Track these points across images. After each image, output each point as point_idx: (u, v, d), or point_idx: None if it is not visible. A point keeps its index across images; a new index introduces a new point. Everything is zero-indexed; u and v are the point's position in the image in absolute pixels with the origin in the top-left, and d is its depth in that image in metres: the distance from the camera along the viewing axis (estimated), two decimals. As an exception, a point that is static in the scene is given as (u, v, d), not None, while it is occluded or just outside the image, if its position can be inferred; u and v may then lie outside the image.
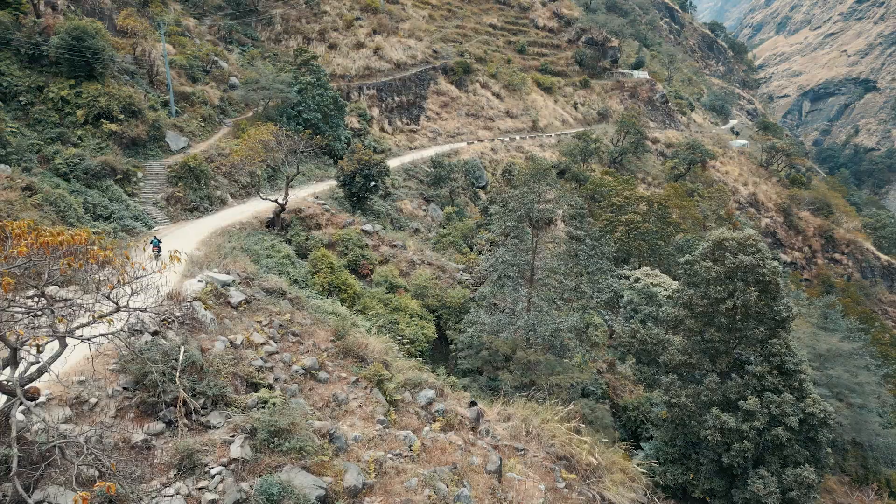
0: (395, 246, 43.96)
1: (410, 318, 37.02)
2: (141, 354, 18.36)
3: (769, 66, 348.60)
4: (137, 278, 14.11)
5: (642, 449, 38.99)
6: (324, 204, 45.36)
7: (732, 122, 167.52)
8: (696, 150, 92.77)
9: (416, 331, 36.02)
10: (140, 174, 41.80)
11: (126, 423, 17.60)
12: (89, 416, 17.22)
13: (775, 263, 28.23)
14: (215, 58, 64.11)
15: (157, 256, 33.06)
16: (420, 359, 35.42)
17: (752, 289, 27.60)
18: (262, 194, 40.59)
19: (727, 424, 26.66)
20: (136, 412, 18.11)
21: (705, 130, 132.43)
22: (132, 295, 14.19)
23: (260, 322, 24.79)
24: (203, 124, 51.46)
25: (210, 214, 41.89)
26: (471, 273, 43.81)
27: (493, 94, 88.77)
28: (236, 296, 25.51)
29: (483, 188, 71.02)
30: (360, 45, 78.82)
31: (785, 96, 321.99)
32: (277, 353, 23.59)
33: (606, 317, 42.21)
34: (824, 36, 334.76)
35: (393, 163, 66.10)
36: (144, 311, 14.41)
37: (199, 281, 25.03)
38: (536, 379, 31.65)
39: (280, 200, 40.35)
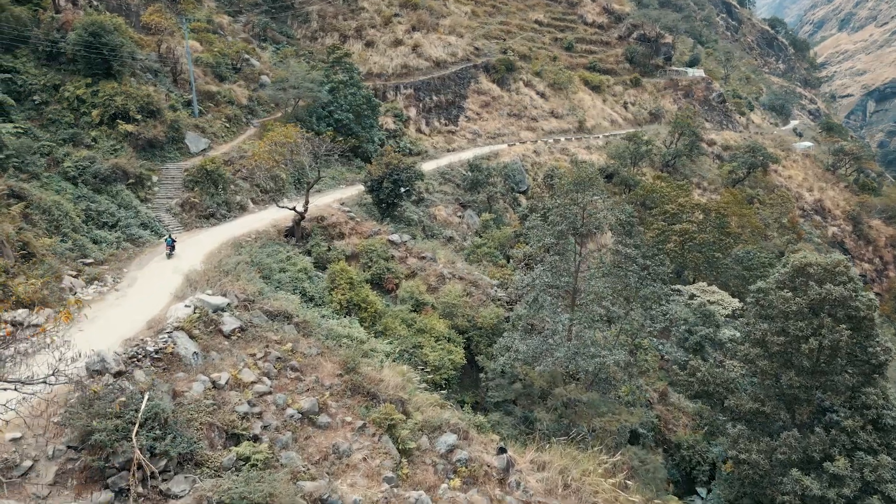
0: (423, 258, 40.31)
1: (436, 341, 33.29)
2: (87, 406, 15.18)
3: (831, 64, 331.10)
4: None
5: (698, 494, 34.28)
6: (349, 211, 42.08)
7: (794, 123, 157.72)
8: (756, 152, 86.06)
9: (442, 356, 32.27)
10: (155, 178, 39.36)
11: (65, 495, 14.42)
12: (19, 486, 14.07)
13: (871, 296, 23.31)
14: (246, 56, 61.86)
15: (169, 256, 32.28)
16: (445, 390, 31.71)
17: (843, 326, 22.76)
18: (278, 202, 37.47)
19: (809, 490, 21.95)
20: (80, 478, 14.88)
21: (765, 131, 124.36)
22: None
23: (254, 355, 21.43)
24: (228, 125, 48.96)
25: (227, 222, 39.10)
26: (506, 289, 39.79)
27: (538, 93, 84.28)
28: (230, 323, 22.25)
29: (524, 193, 66.75)
30: (398, 43, 75.60)
31: (848, 96, 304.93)
32: (270, 392, 20.18)
33: (657, 340, 37.55)
34: (891, 33, 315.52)
35: (429, 166, 62.60)
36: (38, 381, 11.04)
37: (186, 305, 21.85)
38: (577, 420, 27.46)
39: (299, 208, 37.21)
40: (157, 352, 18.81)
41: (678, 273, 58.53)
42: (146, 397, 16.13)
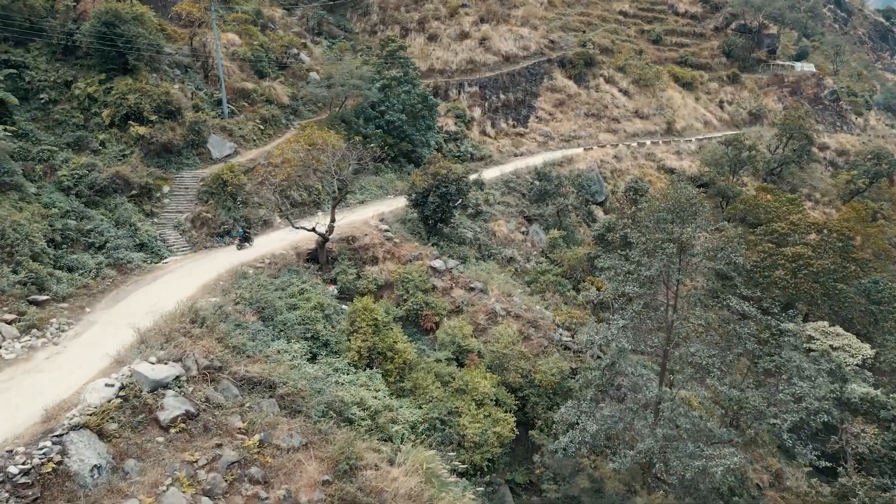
0: (472, 289, 33.14)
1: (479, 405, 26.04)
2: None
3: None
4: None
5: None
6: (387, 230, 35.47)
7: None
8: (882, 159, 73.15)
9: (486, 428, 24.99)
10: (166, 188, 34.21)
11: None
12: None
13: None
14: (295, 51, 56.71)
15: (239, 247, 31.49)
16: (487, 474, 24.48)
17: None
18: (294, 222, 31.35)
19: None
20: None
21: (885, 134, 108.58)
22: None
23: (194, 462, 14.98)
24: (262, 127, 43.57)
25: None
26: (574, 333, 32.02)
27: (620, 90, 75.06)
28: (171, 407, 15.87)
29: (601, 204, 58.18)
30: (463, 36, 68.65)
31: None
32: (206, 529, 13.72)
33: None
34: None
35: (491, 172, 55.32)
36: None
37: (108, 384, 15.64)
38: (666, 545, 19.56)
39: (319, 229, 30.92)
40: (27, 472, 12.65)
41: (788, 306, 48.42)
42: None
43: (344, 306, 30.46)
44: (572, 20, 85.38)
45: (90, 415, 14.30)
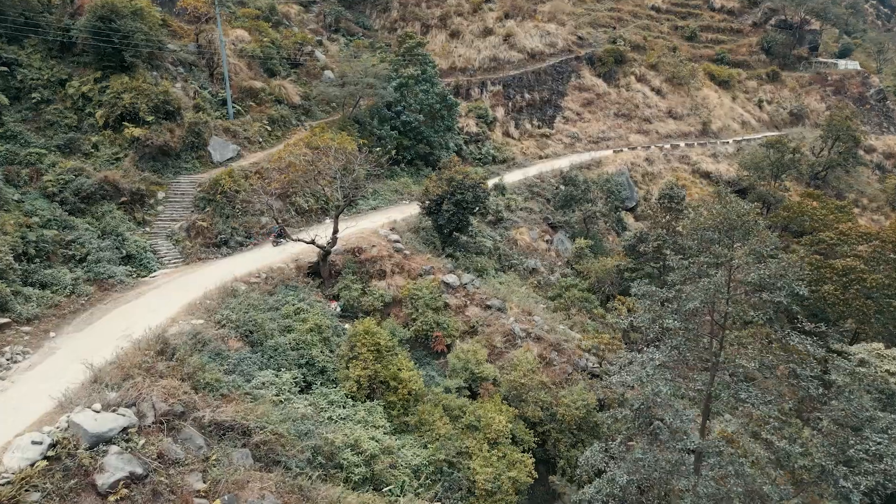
0: (488, 307, 30.12)
1: (493, 445, 23.02)
2: None
3: None
4: None
5: None
6: (397, 240, 32.61)
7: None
8: (936, 163, 67.96)
9: (499, 473, 21.95)
10: (161, 194, 31.89)
11: None
12: None
13: None
14: (311, 48, 54.30)
15: (275, 244, 31.57)
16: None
17: None
18: (291, 235, 28.66)
19: None
20: None
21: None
22: None
23: (133, 541, 12.27)
24: (269, 128, 41.11)
25: (240, 252, 30.89)
26: (602, 360, 28.79)
27: (652, 89, 71.11)
28: (113, 468, 13.20)
29: (632, 210, 54.59)
30: (487, 32, 65.55)
31: None
32: None
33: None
34: None
35: (514, 176, 52.19)
36: None
37: (35, 441, 13.04)
38: None
39: (320, 240, 28.18)
40: None
41: (835, 321, 44.28)
42: None
43: (347, 325, 27.74)
44: (602, 16, 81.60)
45: (4, 484, 11.69)
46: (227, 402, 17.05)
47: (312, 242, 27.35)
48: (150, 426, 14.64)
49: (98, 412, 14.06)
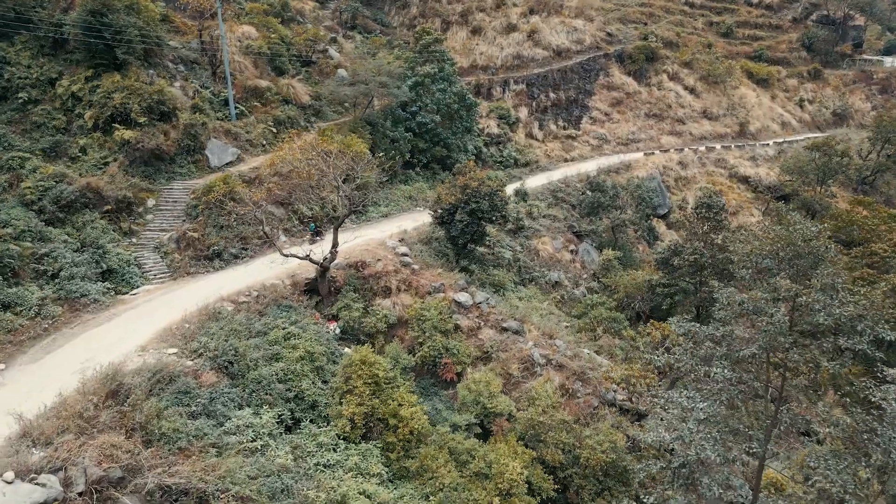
0: (504, 329, 27.09)
1: (505, 497, 20.00)
2: None
3: None
4: None
5: None
6: (405, 254, 29.76)
7: None
8: None
9: (512, 531, 18.90)
10: (151, 202, 29.54)
11: None
12: None
13: None
14: (325, 46, 51.82)
15: (311, 241, 30.30)
16: None
17: None
18: (284, 247, 25.96)
19: None
20: None
21: None
22: None
23: None
24: (275, 130, 38.62)
25: (234, 266, 28.31)
26: (632, 392, 25.53)
27: (686, 87, 67.10)
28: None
29: (664, 217, 50.95)
30: (510, 29, 62.35)
31: None
32: None
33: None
34: None
35: (537, 181, 49.00)
36: None
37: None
38: None
39: (315, 257, 25.42)
40: None
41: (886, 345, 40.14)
42: None
43: (346, 350, 25.00)
44: (632, 11, 77.80)
45: None
46: (184, 457, 14.37)
47: (307, 258, 24.61)
48: (77, 498, 11.97)
49: (10, 482, 11.45)
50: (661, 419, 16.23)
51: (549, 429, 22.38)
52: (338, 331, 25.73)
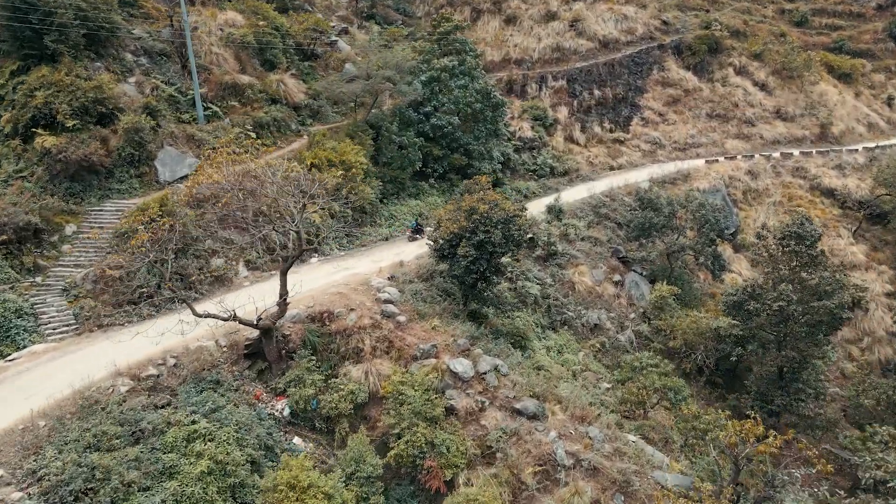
0: (518, 413, 19.60)
1: None
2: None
3: None
4: None
5: None
6: (388, 300, 22.56)
7: None
8: None
9: None
10: (71, 228, 23.28)
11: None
12: None
13: None
14: (334, 38, 45.28)
15: (411, 239, 30.90)
16: None
17: None
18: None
19: None
20: None
21: None
22: None
23: None
24: (254, 134, 31.96)
25: (167, 314, 21.66)
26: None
27: (756, 83, 57.72)
28: None
29: (730, 240, 42.27)
30: (550, 17, 54.57)
31: None
32: None
33: None
34: None
35: (576, 193, 41.21)
36: None
37: None
38: None
39: (245, 313, 18.46)
40: None
41: None
42: None
43: (297, 440, 18.10)
44: (692, -2, 68.60)
45: None
46: None
47: (234, 318, 17.66)
48: None
49: None
50: None
51: (572, 589, 14.85)
52: (286, 412, 18.82)
